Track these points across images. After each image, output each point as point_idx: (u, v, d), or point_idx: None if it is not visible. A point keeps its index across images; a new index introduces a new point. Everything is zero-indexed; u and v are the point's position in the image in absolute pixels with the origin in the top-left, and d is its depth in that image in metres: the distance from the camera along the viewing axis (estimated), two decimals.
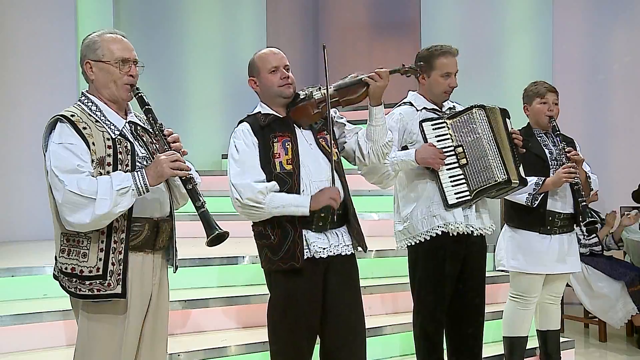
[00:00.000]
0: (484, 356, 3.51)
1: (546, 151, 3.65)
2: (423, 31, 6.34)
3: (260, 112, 2.85)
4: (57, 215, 2.26)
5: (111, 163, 2.27)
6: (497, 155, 3.18)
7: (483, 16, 6.12)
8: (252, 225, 2.84)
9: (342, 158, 2.95)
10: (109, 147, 2.28)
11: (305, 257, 2.70)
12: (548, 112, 3.66)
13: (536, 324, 3.94)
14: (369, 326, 3.84)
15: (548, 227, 3.62)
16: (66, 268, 2.28)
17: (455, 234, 3.19)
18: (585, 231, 5.12)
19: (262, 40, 6.94)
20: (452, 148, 3.20)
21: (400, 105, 3.36)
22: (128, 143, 2.33)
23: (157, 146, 2.43)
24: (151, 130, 2.42)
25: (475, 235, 3.24)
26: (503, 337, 3.86)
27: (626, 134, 6.61)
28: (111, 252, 2.26)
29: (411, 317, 3.39)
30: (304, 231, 2.71)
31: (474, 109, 3.24)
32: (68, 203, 2.18)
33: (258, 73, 2.83)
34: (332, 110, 2.84)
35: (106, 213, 2.18)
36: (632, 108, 6.62)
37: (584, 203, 3.51)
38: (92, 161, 2.24)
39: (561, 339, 4.03)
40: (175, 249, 2.50)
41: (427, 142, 3.20)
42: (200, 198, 2.29)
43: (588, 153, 3.92)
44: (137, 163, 2.32)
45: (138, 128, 2.43)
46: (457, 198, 3.17)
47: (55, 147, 2.23)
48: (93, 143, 2.25)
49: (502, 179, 3.15)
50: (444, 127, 3.24)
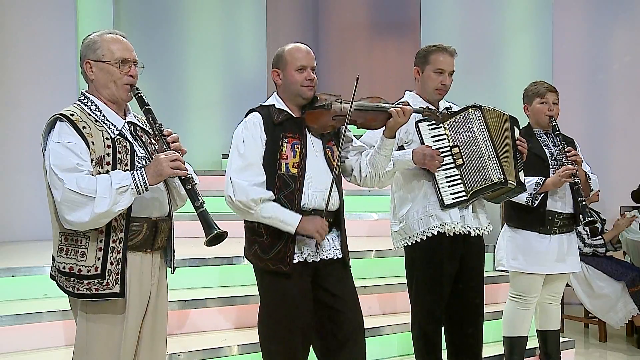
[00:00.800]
0: (484, 356, 3.51)
1: (546, 151, 3.66)
2: (423, 31, 6.34)
3: (274, 106, 2.82)
4: (56, 214, 2.26)
5: (110, 162, 2.27)
6: (494, 155, 3.17)
7: (483, 16, 6.12)
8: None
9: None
10: (108, 147, 2.28)
11: (296, 261, 2.72)
12: (548, 112, 3.66)
13: (536, 324, 3.94)
14: (368, 326, 3.85)
15: (548, 227, 3.62)
16: (64, 267, 2.27)
17: (451, 234, 3.19)
18: (588, 230, 5.16)
19: (262, 40, 6.95)
20: (449, 148, 3.20)
21: None
22: (127, 143, 2.33)
23: (157, 147, 2.43)
24: (150, 130, 2.42)
25: (472, 235, 3.24)
26: (503, 337, 3.86)
27: (626, 134, 6.61)
28: (110, 252, 2.26)
29: (410, 318, 3.38)
30: (298, 237, 2.71)
31: (470, 109, 3.24)
32: (67, 201, 2.18)
33: (284, 67, 2.80)
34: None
35: (105, 211, 2.18)
36: (632, 108, 6.62)
37: (584, 203, 3.52)
38: (92, 160, 2.24)
39: (561, 339, 4.03)
40: (173, 250, 2.50)
41: (424, 143, 3.20)
42: (199, 198, 2.29)
43: (588, 153, 3.92)
44: (136, 163, 2.32)
45: (137, 128, 2.44)
46: (454, 198, 3.17)
47: (54, 146, 2.23)
48: (92, 142, 2.25)
49: (499, 179, 3.15)
50: (441, 128, 3.23)
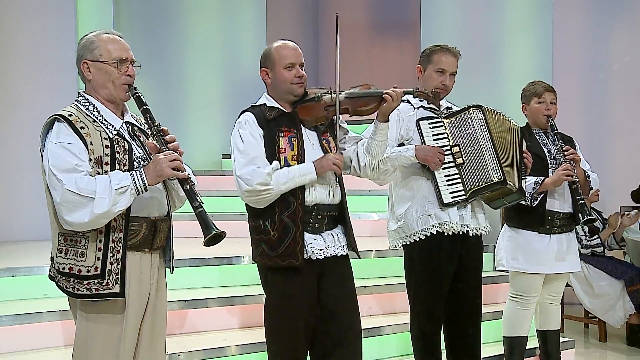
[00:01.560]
0: (484, 356, 3.51)
1: (545, 150, 3.66)
2: (423, 31, 6.33)
3: (265, 104, 2.82)
4: (55, 215, 2.26)
5: (109, 162, 2.27)
6: (494, 155, 3.17)
7: (483, 16, 6.12)
8: (249, 219, 2.83)
9: None
10: (107, 147, 2.28)
11: (304, 256, 2.70)
12: (546, 112, 3.67)
13: (536, 324, 3.94)
14: (368, 326, 3.87)
15: (547, 227, 3.62)
16: (63, 268, 2.27)
17: (450, 234, 3.19)
18: (587, 231, 5.16)
19: (262, 40, 6.94)
20: (449, 147, 3.20)
21: None
22: (125, 143, 2.33)
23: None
24: (148, 130, 2.42)
25: (471, 235, 3.24)
26: (503, 337, 3.86)
27: (626, 134, 6.61)
28: (109, 252, 2.26)
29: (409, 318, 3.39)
30: (305, 232, 2.71)
31: (472, 109, 3.25)
32: (66, 202, 2.17)
33: (273, 66, 2.80)
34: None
35: (105, 212, 2.18)
36: (632, 108, 6.62)
37: (582, 202, 3.52)
38: (90, 161, 2.24)
39: (561, 339, 4.03)
40: (172, 250, 2.50)
41: (424, 141, 3.19)
42: (197, 198, 2.29)
43: (588, 153, 3.92)
44: (135, 163, 2.32)
45: (135, 128, 2.44)
46: (452, 197, 3.17)
47: (53, 147, 2.22)
48: (91, 142, 2.25)
49: (498, 179, 3.15)
50: (441, 126, 3.24)
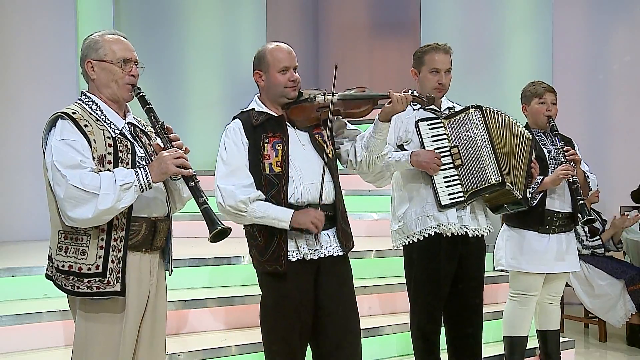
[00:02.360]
0: (484, 356, 3.51)
1: (545, 150, 3.66)
2: (423, 31, 6.33)
3: (254, 110, 2.81)
4: (56, 212, 2.26)
5: (112, 161, 2.28)
6: (492, 157, 3.16)
7: (483, 16, 6.12)
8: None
9: (335, 157, 2.93)
10: (110, 146, 2.29)
11: (295, 259, 2.70)
12: (546, 112, 3.67)
13: (536, 324, 3.95)
14: (369, 326, 3.87)
15: (547, 227, 3.63)
16: (63, 266, 2.27)
17: (449, 235, 3.19)
18: (587, 232, 5.15)
19: (262, 40, 6.93)
20: (448, 149, 3.20)
21: None
22: (128, 142, 2.35)
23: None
24: (152, 129, 2.43)
25: (471, 236, 3.24)
26: (503, 337, 3.86)
27: (626, 134, 6.61)
28: (111, 250, 2.26)
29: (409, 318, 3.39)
30: (294, 232, 2.70)
31: (471, 110, 3.24)
32: (70, 198, 2.18)
33: (267, 69, 2.78)
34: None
35: (109, 208, 2.18)
36: (632, 108, 6.61)
37: (582, 202, 3.52)
38: (93, 158, 2.25)
39: (561, 339, 4.03)
40: (170, 252, 2.50)
41: (423, 143, 3.19)
42: (202, 195, 2.30)
43: (588, 153, 3.92)
44: (137, 163, 2.33)
45: (137, 129, 2.45)
46: (451, 199, 3.16)
47: (56, 143, 2.23)
48: (94, 141, 2.26)
49: (496, 181, 3.14)
50: (441, 127, 3.23)
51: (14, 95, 5.53)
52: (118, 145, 2.31)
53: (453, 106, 3.37)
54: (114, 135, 2.32)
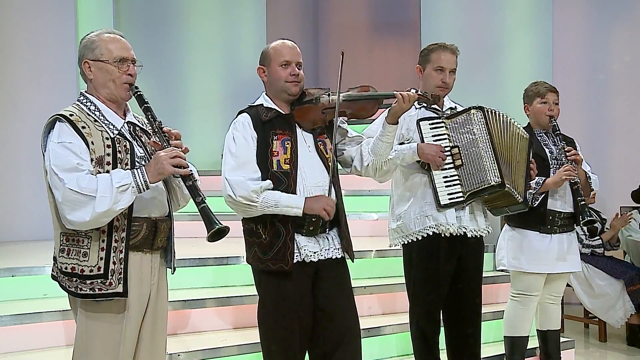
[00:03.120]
0: (484, 356, 3.51)
1: (546, 150, 3.66)
2: (423, 31, 6.34)
3: (262, 105, 2.81)
4: (57, 214, 2.26)
5: (110, 162, 2.27)
6: (492, 158, 3.16)
7: (483, 16, 6.12)
8: (242, 220, 2.82)
9: (338, 162, 2.93)
10: (108, 147, 2.28)
11: (295, 261, 2.69)
12: (548, 112, 3.67)
13: (536, 324, 3.95)
14: (368, 326, 3.87)
15: (548, 227, 3.63)
16: (66, 268, 2.27)
17: (448, 235, 3.18)
18: (587, 231, 5.15)
19: (262, 40, 6.94)
20: (449, 148, 3.19)
21: None
22: (127, 142, 2.34)
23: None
24: (150, 128, 2.42)
25: (470, 236, 3.23)
26: (504, 337, 3.86)
27: (626, 134, 6.61)
28: (112, 251, 2.26)
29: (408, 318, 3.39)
30: (295, 234, 2.70)
31: (472, 110, 3.24)
32: (68, 201, 2.18)
33: (269, 63, 2.79)
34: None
35: (106, 210, 2.18)
36: (632, 108, 6.61)
37: (583, 202, 3.52)
38: (92, 160, 2.24)
39: (561, 339, 4.03)
40: (173, 251, 2.50)
41: (424, 142, 3.19)
42: (200, 194, 2.29)
43: (588, 153, 3.92)
44: (136, 162, 2.32)
45: (136, 128, 2.44)
46: (450, 199, 3.16)
47: (54, 146, 2.23)
48: (92, 142, 2.25)
49: (496, 182, 3.13)
50: (442, 127, 3.23)
51: (14, 95, 5.52)
52: (117, 145, 2.30)
53: (455, 107, 3.36)
54: (113, 135, 2.31)
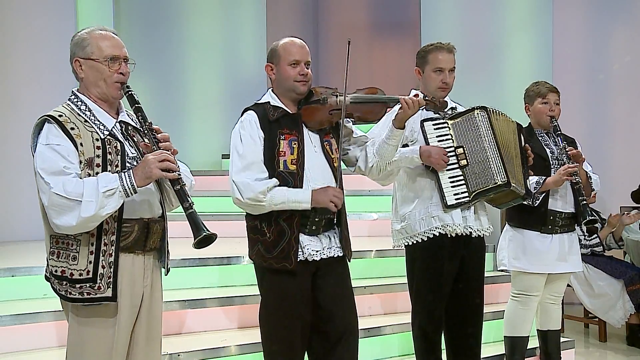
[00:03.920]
0: (484, 356, 3.51)
1: (547, 150, 3.66)
2: (423, 31, 6.33)
3: (269, 103, 2.80)
4: (46, 217, 2.22)
5: (100, 164, 2.22)
6: (498, 157, 3.16)
7: (483, 16, 6.12)
8: (246, 217, 2.82)
9: (341, 161, 2.93)
10: (98, 148, 2.24)
11: (298, 260, 2.70)
12: (549, 112, 3.67)
13: (537, 324, 3.95)
14: (369, 326, 3.87)
15: (549, 227, 3.63)
16: (56, 271, 2.24)
17: (453, 235, 3.19)
18: (585, 231, 5.15)
19: (262, 40, 6.94)
20: (453, 149, 3.19)
21: None
22: (118, 143, 2.29)
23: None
24: (141, 129, 2.37)
25: (473, 236, 3.24)
26: (504, 337, 3.86)
27: (626, 134, 6.61)
28: (101, 255, 2.22)
29: (410, 317, 3.38)
30: (299, 234, 2.70)
31: (476, 110, 3.24)
32: (54, 206, 2.14)
33: (278, 62, 2.78)
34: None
35: (92, 215, 2.13)
36: (632, 108, 6.61)
37: (584, 202, 3.52)
38: (80, 162, 2.20)
39: (561, 339, 4.03)
40: (167, 251, 2.46)
41: (428, 142, 3.19)
42: (188, 199, 2.24)
43: (588, 153, 3.91)
44: (127, 164, 2.28)
45: (129, 128, 2.39)
46: (456, 199, 3.16)
47: (42, 149, 2.19)
48: (81, 144, 2.21)
49: (502, 182, 3.14)
50: (446, 128, 3.23)
51: (14, 95, 5.52)
52: (107, 147, 2.25)
53: (455, 107, 3.36)
54: (103, 136, 2.26)
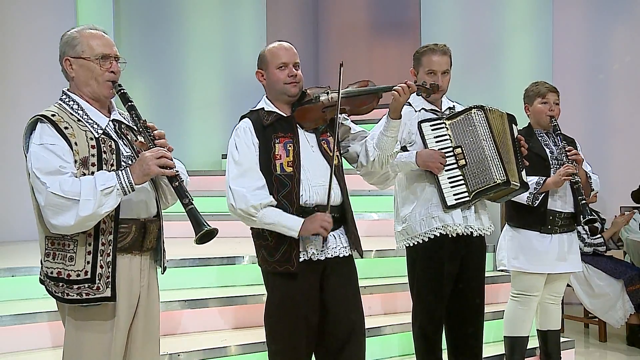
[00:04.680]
0: (484, 356, 3.51)
1: (547, 150, 3.66)
2: (423, 31, 6.33)
3: (263, 109, 2.81)
4: (40, 218, 2.20)
5: (95, 163, 2.21)
6: (496, 156, 3.17)
7: (483, 16, 6.11)
8: None
9: (343, 159, 2.93)
10: (93, 147, 2.22)
11: (302, 260, 2.70)
12: (549, 112, 3.67)
13: (536, 324, 3.95)
14: (369, 326, 3.84)
15: (549, 227, 3.63)
16: (52, 272, 2.22)
17: (454, 235, 3.19)
18: (588, 230, 5.16)
19: (262, 40, 6.94)
20: (451, 149, 3.19)
21: None
22: (112, 142, 2.28)
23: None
24: (135, 127, 2.35)
25: (475, 235, 3.24)
26: (504, 337, 3.86)
27: (626, 134, 6.61)
28: (99, 255, 2.21)
29: (410, 317, 3.38)
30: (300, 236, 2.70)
31: (473, 110, 3.24)
32: (51, 205, 2.12)
33: (266, 67, 2.79)
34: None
35: (90, 214, 2.12)
36: (633, 108, 6.62)
37: (584, 202, 3.52)
38: (75, 162, 2.19)
39: (561, 339, 4.03)
40: (163, 250, 2.45)
41: (426, 144, 3.19)
42: (187, 195, 2.23)
43: (588, 153, 3.92)
44: (122, 162, 2.27)
45: (122, 126, 2.38)
46: (456, 199, 3.16)
47: (36, 148, 2.17)
48: (75, 143, 2.20)
49: (501, 180, 3.15)
50: (443, 128, 3.23)
51: (14, 95, 5.52)
52: (102, 146, 2.24)
53: (453, 106, 3.36)
54: (97, 135, 2.25)
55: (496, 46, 6.08)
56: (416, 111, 3.28)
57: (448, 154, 3.18)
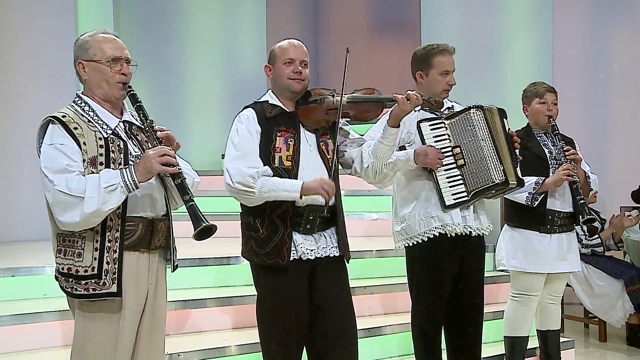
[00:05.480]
0: (484, 356, 3.51)
1: (545, 151, 3.66)
2: (423, 31, 6.33)
3: (267, 102, 2.83)
4: (52, 216, 2.27)
5: (103, 162, 2.28)
6: (495, 156, 3.17)
7: (483, 16, 6.11)
8: (241, 214, 2.83)
9: (339, 164, 2.94)
10: (101, 147, 2.29)
11: (292, 259, 2.70)
12: (547, 112, 3.67)
13: (536, 324, 3.95)
14: (369, 326, 3.88)
15: (548, 226, 3.63)
16: (62, 268, 2.29)
17: (453, 235, 3.19)
18: (586, 230, 5.16)
19: (262, 40, 6.95)
20: (450, 149, 3.20)
21: None
22: (121, 142, 2.34)
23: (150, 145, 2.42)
24: (142, 127, 2.42)
25: (473, 235, 3.24)
26: (504, 337, 3.86)
27: (626, 134, 6.61)
28: (106, 251, 2.27)
29: (410, 318, 3.39)
30: (293, 232, 2.71)
31: (472, 110, 3.24)
32: (58, 203, 2.19)
33: (275, 61, 2.83)
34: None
35: (95, 211, 2.18)
36: (632, 108, 6.61)
37: (583, 201, 3.52)
38: (84, 161, 2.25)
39: (561, 339, 4.03)
40: (174, 249, 2.49)
41: (425, 143, 3.19)
42: (188, 192, 2.29)
43: (588, 153, 3.93)
44: (130, 162, 2.32)
45: (133, 127, 2.43)
46: (455, 199, 3.16)
47: (46, 148, 2.25)
48: (84, 143, 2.26)
49: (500, 180, 3.15)
50: (442, 128, 3.23)
51: (14, 95, 5.53)
52: (110, 145, 2.30)
53: (452, 105, 3.36)
54: (106, 135, 2.32)
55: (496, 46, 6.08)
56: (415, 110, 3.27)
57: (447, 154, 3.19)
